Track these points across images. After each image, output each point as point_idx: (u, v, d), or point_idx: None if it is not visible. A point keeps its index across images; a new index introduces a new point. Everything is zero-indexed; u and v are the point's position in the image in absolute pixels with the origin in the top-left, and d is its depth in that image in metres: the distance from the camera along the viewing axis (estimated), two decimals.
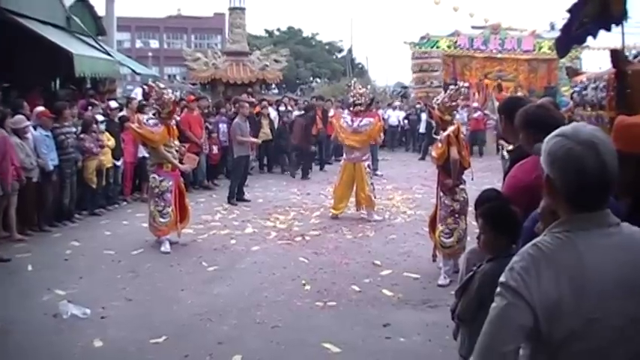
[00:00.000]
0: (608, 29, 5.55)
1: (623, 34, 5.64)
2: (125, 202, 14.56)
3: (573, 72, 7.92)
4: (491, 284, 3.89)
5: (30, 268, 9.28)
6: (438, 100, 9.47)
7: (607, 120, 5.42)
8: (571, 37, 6.35)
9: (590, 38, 6.18)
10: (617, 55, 5.26)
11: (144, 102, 14.75)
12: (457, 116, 9.97)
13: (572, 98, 7.35)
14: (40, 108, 11.87)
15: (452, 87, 9.74)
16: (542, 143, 3.45)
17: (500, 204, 4.11)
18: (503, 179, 4.55)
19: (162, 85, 11.10)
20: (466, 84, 10.22)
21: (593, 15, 5.57)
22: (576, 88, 6.68)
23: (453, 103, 9.19)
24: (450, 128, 8.87)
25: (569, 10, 6.12)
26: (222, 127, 17.44)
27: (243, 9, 25.59)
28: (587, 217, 2.23)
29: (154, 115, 10.91)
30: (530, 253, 2.20)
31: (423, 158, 23.57)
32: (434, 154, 9.23)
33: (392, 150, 27.60)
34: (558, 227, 2.26)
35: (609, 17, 5.42)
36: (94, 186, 13.06)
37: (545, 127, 3.81)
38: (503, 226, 3.93)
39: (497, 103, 26.30)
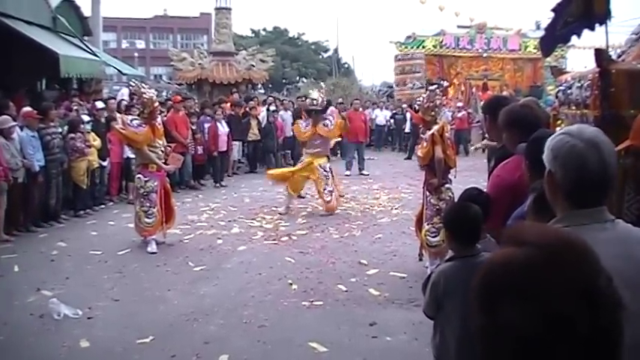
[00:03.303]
0: (592, 29, 5.58)
1: (607, 33, 5.67)
2: (111, 203, 14.55)
3: (558, 71, 7.96)
4: (445, 283, 3.96)
5: (16, 268, 9.26)
6: (418, 101, 9.54)
7: (591, 119, 5.45)
8: (555, 36, 6.37)
9: (574, 37, 6.20)
10: (601, 55, 5.29)
11: (125, 102, 14.81)
12: (442, 115, 10.00)
13: (557, 97, 7.39)
14: (27, 108, 11.84)
15: (430, 88, 9.80)
16: (525, 143, 3.49)
17: (457, 206, 4.18)
18: (488, 178, 4.59)
19: (143, 85, 11.06)
20: (445, 83, 10.32)
21: (578, 14, 5.60)
22: (561, 87, 6.71)
23: (431, 104, 9.21)
24: (435, 127, 8.89)
25: (554, 10, 6.14)
26: (207, 127, 17.47)
27: (229, 9, 25.55)
28: (586, 212, 2.28)
29: (138, 115, 10.88)
30: None
31: (409, 158, 23.59)
32: (419, 153, 9.26)
33: (378, 149, 27.60)
34: (557, 223, 2.29)
35: (593, 17, 5.44)
36: (85, 187, 13.07)
37: (528, 126, 3.85)
38: (455, 228, 4.00)
39: (481, 102, 26.47)
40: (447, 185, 8.95)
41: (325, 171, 13.34)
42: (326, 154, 13.78)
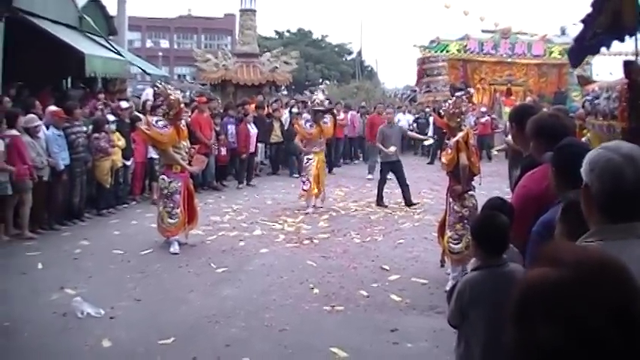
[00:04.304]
0: (622, 40, 5.56)
1: (636, 42, 5.64)
2: (134, 202, 14.61)
3: (585, 80, 7.94)
4: (471, 292, 3.94)
5: (40, 266, 9.33)
6: (444, 107, 9.49)
7: (619, 130, 5.42)
8: (584, 47, 6.35)
9: (603, 48, 6.18)
10: (629, 67, 5.27)
11: (150, 102, 14.98)
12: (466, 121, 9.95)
13: (583, 107, 7.37)
14: (54, 107, 11.92)
15: (457, 93, 9.76)
16: (551, 152, 3.48)
17: (486, 215, 4.16)
18: (511, 185, 4.57)
19: (169, 87, 11.10)
20: (472, 90, 10.27)
21: (607, 26, 5.57)
22: (588, 97, 6.69)
23: (457, 110, 9.15)
24: (459, 134, 8.85)
25: (583, 21, 6.12)
26: (231, 128, 17.51)
27: (254, 11, 25.55)
28: (621, 227, 2.28)
29: (163, 116, 10.91)
30: None
31: (431, 162, 23.54)
32: (443, 160, 9.22)
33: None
34: (592, 237, 2.30)
35: (622, 28, 5.41)
36: (108, 186, 13.16)
37: (555, 135, 3.83)
38: (482, 237, 3.98)
39: (504, 108, 26.34)
40: (470, 192, 8.90)
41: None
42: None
